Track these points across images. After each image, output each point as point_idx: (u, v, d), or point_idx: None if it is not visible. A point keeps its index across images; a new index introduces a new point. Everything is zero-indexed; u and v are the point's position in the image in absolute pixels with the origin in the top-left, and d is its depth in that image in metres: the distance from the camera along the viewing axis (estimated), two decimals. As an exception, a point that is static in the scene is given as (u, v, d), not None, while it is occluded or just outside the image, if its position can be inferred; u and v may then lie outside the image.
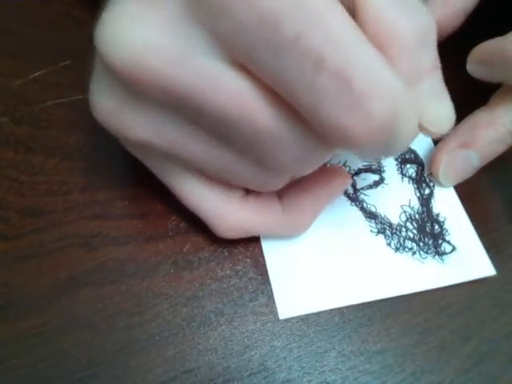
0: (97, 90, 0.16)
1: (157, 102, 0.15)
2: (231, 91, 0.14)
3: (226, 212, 0.20)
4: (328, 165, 0.25)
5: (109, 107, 0.16)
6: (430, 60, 0.17)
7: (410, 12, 0.16)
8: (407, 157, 0.27)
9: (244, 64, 0.14)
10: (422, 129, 0.18)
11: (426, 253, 0.24)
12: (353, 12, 0.14)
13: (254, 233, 0.22)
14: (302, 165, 0.17)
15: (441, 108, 0.18)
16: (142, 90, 0.15)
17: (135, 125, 0.16)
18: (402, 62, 0.15)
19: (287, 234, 0.23)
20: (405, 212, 0.25)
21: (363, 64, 0.13)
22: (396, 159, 0.27)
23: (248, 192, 0.21)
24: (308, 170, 0.18)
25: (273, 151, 0.16)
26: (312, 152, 0.16)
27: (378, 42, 0.14)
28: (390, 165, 0.26)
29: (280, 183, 0.20)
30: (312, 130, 0.15)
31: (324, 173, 0.23)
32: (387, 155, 0.17)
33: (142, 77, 0.14)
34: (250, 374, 0.20)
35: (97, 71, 0.16)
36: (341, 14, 0.13)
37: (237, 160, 0.17)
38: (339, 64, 0.13)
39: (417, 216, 0.25)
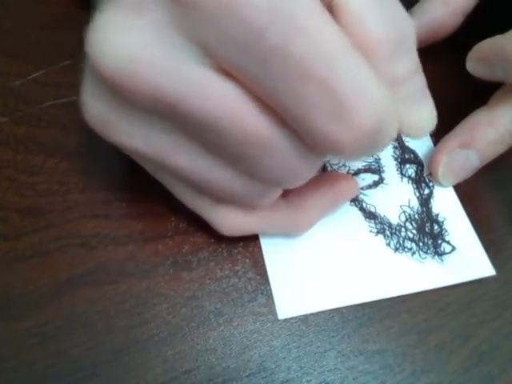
0: (87, 93, 0.16)
1: (145, 109, 0.15)
2: (219, 97, 0.14)
3: (229, 209, 0.20)
4: (328, 165, 0.25)
5: (98, 112, 0.16)
6: (407, 66, 0.17)
7: (390, 18, 0.16)
8: (407, 157, 0.27)
9: (231, 72, 0.14)
10: (402, 132, 0.18)
11: (426, 253, 0.24)
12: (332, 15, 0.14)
13: (256, 230, 0.22)
14: (291, 175, 0.17)
15: (420, 112, 0.18)
16: (130, 98, 0.15)
17: (122, 131, 0.16)
18: (378, 68, 0.15)
19: (288, 232, 0.23)
20: (404, 212, 0.25)
21: (350, 74, 0.13)
22: (395, 159, 0.27)
23: None
24: (298, 182, 0.18)
25: (262, 159, 0.16)
26: (302, 160, 0.16)
27: (356, 48, 0.14)
28: (389, 165, 0.26)
29: (269, 197, 0.19)
30: (300, 138, 0.15)
31: (334, 179, 0.23)
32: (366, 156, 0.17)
33: (130, 85, 0.14)
34: (249, 375, 0.20)
35: (87, 75, 0.16)
36: (327, 23, 0.13)
37: (225, 171, 0.17)
38: (325, 74, 0.13)
39: (416, 216, 0.25)
